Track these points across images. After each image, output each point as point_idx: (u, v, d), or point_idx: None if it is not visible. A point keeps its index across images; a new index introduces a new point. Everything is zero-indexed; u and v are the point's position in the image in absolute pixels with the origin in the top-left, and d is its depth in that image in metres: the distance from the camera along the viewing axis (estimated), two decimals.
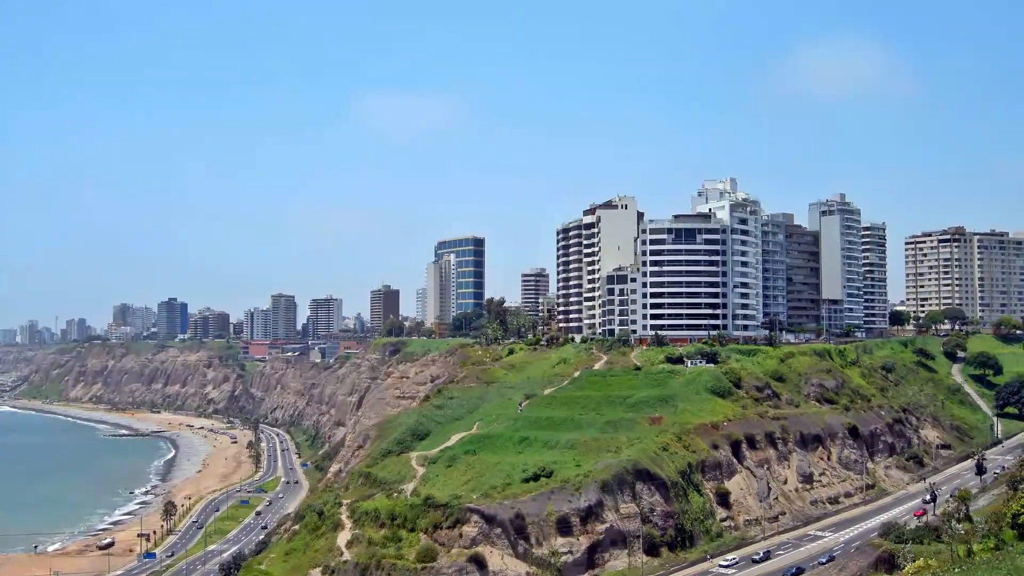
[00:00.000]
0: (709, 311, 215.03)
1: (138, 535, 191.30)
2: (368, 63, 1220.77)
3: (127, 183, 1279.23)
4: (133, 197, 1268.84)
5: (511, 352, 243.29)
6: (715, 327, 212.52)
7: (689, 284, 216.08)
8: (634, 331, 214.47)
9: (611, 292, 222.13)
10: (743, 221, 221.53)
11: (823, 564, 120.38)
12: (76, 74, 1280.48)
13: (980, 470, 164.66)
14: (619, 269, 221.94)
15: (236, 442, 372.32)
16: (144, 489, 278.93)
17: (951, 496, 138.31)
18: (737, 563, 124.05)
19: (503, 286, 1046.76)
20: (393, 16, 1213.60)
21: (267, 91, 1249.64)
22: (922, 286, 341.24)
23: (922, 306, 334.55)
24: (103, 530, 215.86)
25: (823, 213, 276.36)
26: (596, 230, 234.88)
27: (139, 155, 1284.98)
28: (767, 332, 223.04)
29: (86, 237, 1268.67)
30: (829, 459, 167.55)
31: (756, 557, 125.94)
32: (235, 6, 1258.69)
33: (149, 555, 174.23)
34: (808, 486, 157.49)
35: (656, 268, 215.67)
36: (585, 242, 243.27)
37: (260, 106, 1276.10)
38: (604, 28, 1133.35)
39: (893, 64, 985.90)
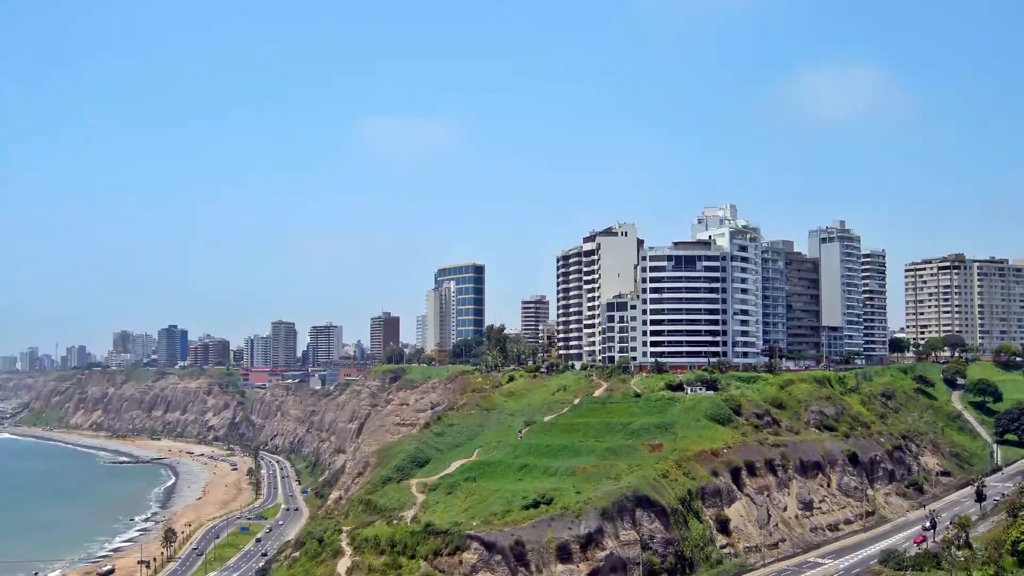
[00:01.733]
0: (709, 338, 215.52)
1: (138, 562, 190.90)
2: (368, 88, 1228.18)
3: (127, 209, 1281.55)
4: (133, 223, 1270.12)
5: (511, 379, 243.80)
6: (715, 354, 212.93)
7: (689, 311, 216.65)
8: (634, 358, 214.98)
9: (611, 319, 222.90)
10: (743, 248, 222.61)
11: None
12: (76, 100, 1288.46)
13: (980, 497, 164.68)
14: (619, 296, 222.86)
15: (236, 469, 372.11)
16: (144, 516, 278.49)
17: (951, 523, 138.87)
18: None
19: (503, 313, 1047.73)
20: (393, 41, 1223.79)
21: (267, 117, 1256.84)
22: (922, 313, 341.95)
23: (922, 333, 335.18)
24: (103, 557, 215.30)
25: (823, 240, 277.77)
26: (596, 257, 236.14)
27: (139, 181, 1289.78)
28: (767, 359, 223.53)
29: (86, 263, 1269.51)
30: (829, 486, 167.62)
31: None
32: (236, 30, 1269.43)
33: None
34: (808, 513, 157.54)
35: (656, 295, 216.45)
36: (585, 269, 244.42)
37: (260, 131, 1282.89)
38: (604, 54, 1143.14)
39: (892, 89, 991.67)
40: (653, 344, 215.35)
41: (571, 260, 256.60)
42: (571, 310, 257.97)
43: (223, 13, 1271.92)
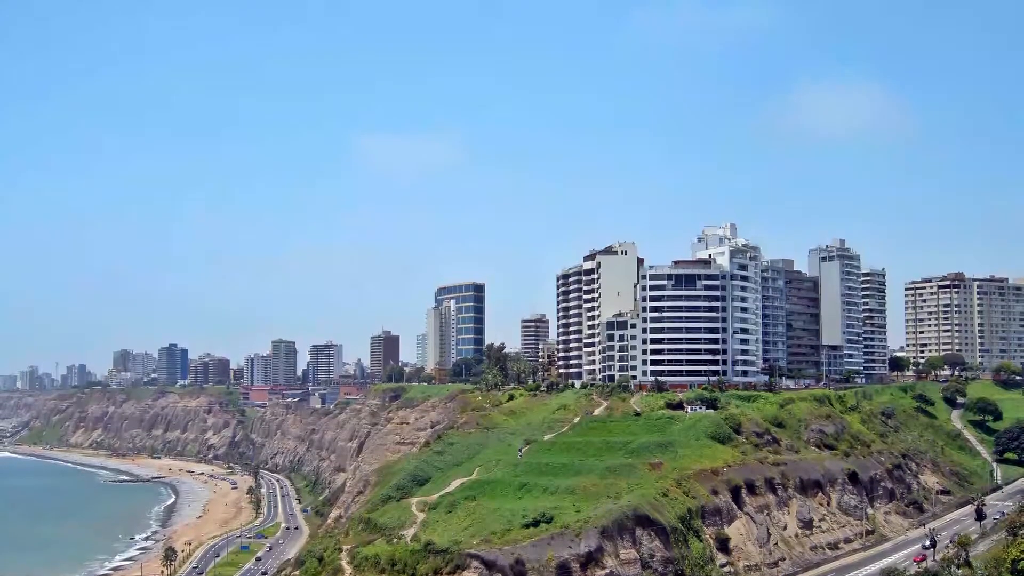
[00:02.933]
0: (709, 357, 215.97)
1: None
2: (366, 105, 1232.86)
3: (127, 227, 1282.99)
4: (133, 241, 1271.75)
5: (511, 398, 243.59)
6: (715, 373, 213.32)
7: (689, 330, 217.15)
8: (634, 377, 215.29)
9: (611, 338, 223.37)
10: (743, 267, 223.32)
11: None
12: (74, 118, 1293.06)
13: (980, 516, 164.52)
14: (619, 315, 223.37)
15: (236, 488, 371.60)
16: (144, 535, 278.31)
17: (951, 542, 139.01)
18: None
19: (503, 332, 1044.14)
20: (392, 56, 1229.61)
21: (266, 134, 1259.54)
22: (922, 332, 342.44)
23: (922, 352, 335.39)
24: None
25: (823, 259, 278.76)
26: (596, 276, 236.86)
27: (138, 199, 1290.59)
28: (767, 378, 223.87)
29: (86, 281, 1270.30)
30: (829, 505, 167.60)
31: None
32: (233, 48, 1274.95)
33: None
34: (808, 532, 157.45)
35: (656, 314, 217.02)
36: (585, 288, 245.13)
37: (258, 149, 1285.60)
38: (603, 70, 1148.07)
39: (892, 106, 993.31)
40: (653, 363, 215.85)
41: (571, 279, 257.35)
42: (571, 329, 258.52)
43: (221, 31, 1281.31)
